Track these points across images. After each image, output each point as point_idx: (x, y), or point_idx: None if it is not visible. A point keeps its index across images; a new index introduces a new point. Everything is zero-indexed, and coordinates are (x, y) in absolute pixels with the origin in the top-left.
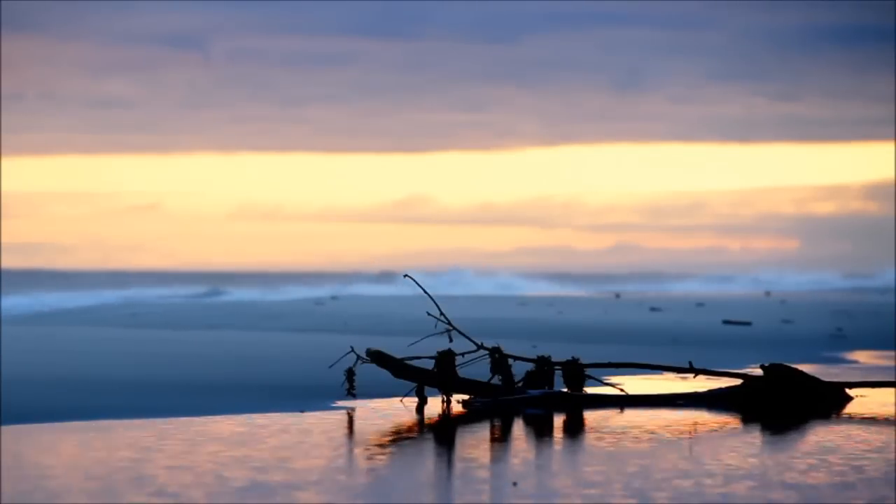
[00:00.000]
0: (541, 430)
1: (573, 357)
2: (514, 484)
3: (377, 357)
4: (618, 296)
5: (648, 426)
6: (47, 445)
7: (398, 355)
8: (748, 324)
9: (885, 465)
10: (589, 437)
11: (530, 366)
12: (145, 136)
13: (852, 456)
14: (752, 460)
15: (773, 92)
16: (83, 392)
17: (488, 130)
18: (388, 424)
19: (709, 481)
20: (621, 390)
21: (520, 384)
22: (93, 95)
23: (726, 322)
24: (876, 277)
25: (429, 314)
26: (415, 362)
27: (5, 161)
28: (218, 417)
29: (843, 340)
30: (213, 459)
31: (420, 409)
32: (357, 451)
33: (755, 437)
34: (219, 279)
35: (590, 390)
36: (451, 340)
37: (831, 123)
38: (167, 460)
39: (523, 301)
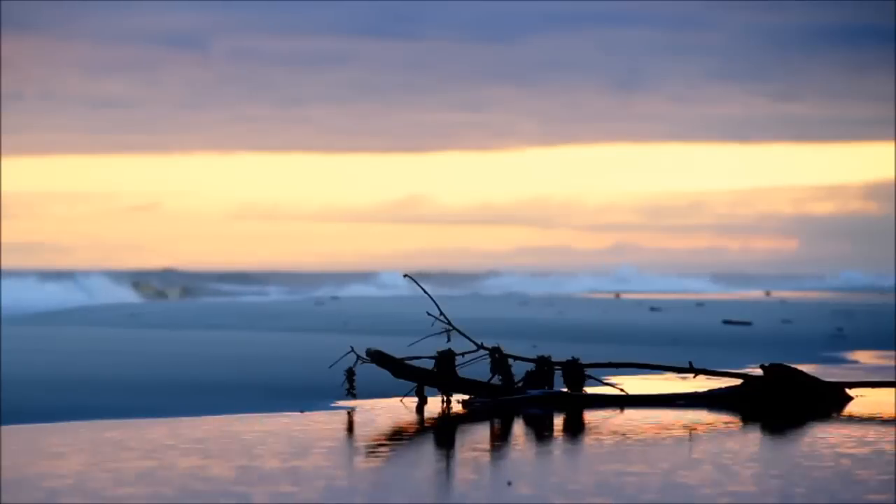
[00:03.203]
0: (541, 430)
1: (573, 357)
2: (509, 483)
3: (377, 357)
4: (618, 296)
5: (648, 426)
6: (47, 445)
7: (398, 355)
8: (748, 324)
9: (885, 465)
10: (589, 438)
11: (530, 366)
12: (145, 135)
13: (852, 456)
14: (751, 460)
15: (772, 92)
16: (83, 392)
17: (488, 130)
18: (388, 424)
19: (708, 482)
20: (621, 390)
21: (520, 384)
22: (92, 95)
23: (726, 322)
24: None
25: (429, 314)
26: (415, 362)
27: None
28: (217, 417)
29: (843, 340)
30: (212, 460)
31: (420, 409)
32: (357, 451)
33: (755, 437)
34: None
35: (590, 390)
36: (448, 340)
37: (831, 123)
38: (166, 460)
39: (523, 301)
